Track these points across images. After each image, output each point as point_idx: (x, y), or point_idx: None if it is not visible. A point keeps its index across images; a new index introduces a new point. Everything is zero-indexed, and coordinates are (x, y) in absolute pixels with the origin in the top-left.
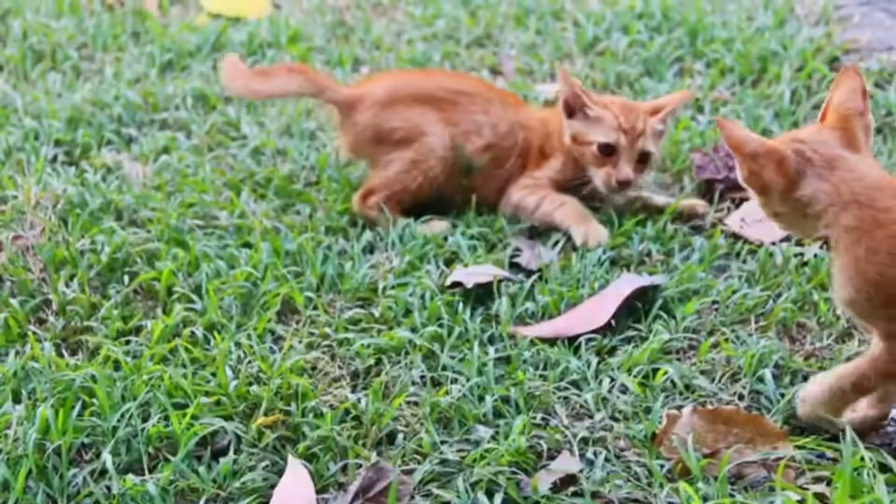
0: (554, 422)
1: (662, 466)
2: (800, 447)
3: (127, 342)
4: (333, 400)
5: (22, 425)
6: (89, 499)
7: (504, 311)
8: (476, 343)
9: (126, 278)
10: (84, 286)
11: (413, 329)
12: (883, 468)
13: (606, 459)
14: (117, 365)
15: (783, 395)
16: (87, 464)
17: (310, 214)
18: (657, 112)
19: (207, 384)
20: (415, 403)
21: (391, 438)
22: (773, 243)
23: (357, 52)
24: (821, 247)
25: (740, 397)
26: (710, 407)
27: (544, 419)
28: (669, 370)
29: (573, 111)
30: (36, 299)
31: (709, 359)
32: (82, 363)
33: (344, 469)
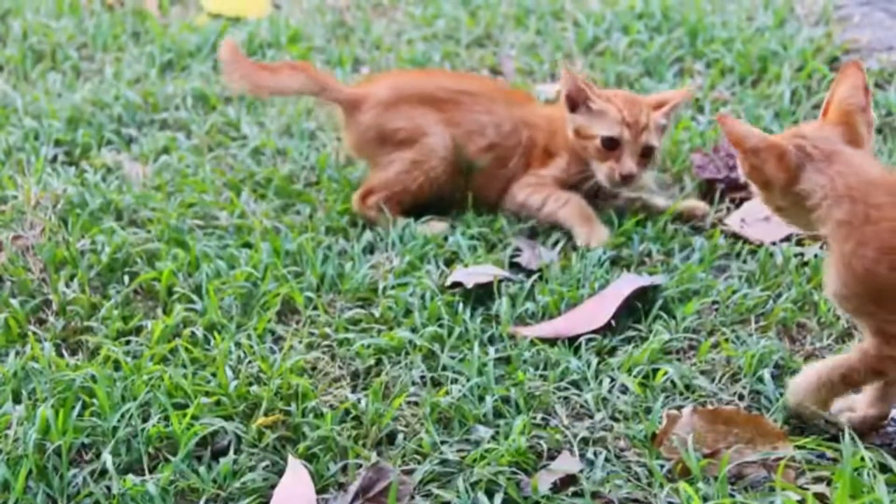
0: (554, 422)
1: (662, 466)
2: (800, 447)
3: (127, 342)
4: (333, 400)
5: (22, 425)
6: (89, 499)
7: (504, 312)
8: (476, 343)
9: (126, 278)
10: (84, 286)
11: (413, 329)
12: (883, 468)
13: (606, 459)
14: (117, 365)
15: (783, 396)
16: (88, 464)
17: (310, 214)
18: (660, 106)
19: (207, 384)
20: (415, 403)
21: (391, 438)
22: (774, 243)
23: (357, 53)
24: (821, 247)
25: (740, 397)
26: (711, 407)
27: (544, 419)
28: (669, 370)
29: (576, 105)
30: (36, 299)
31: (709, 359)
32: (82, 363)
33: (344, 469)
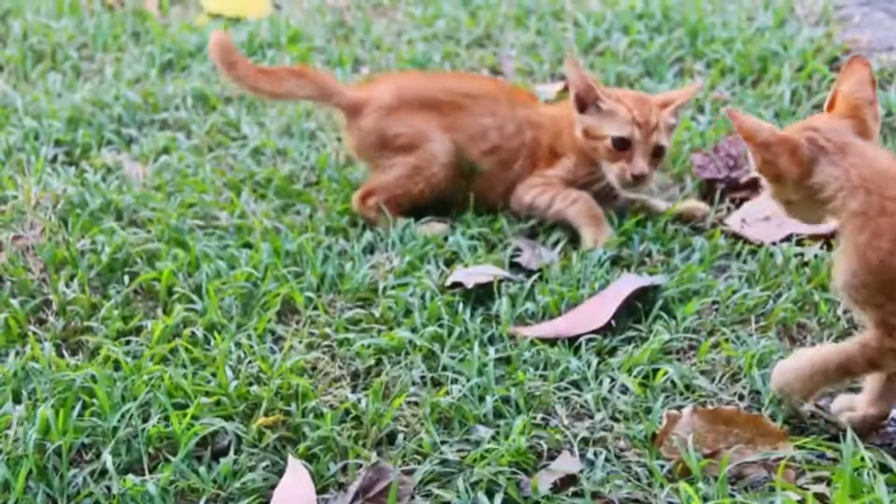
0: (554, 422)
1: (663, 467)
2: (800, 447)
3: (127, 342)
4: (334, 400)
5: (22, 425)
6: (89, 499)
7: (504, 312)
8: (476, 343)
9: (126, 278)
10: (84, 286)
11: (413, 329)
12: (883, 468)
13: (607, 459)
14: (117, 365)
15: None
16: (88, 464)
17: (310, 214)
18: (667, 105)
19: (208, 384)
20: (415, 403)
21: (391, 439)
22: (774, 243)
23: (357, 53)
24: (821, 247)
25: (740, 397)
26: (711, 407)
27: (544, 419)
28: (670, 370)
29: (585, 105)
30: (36, 299)
31: (709, 359)
32: (82, 363)
33: (344, 469)
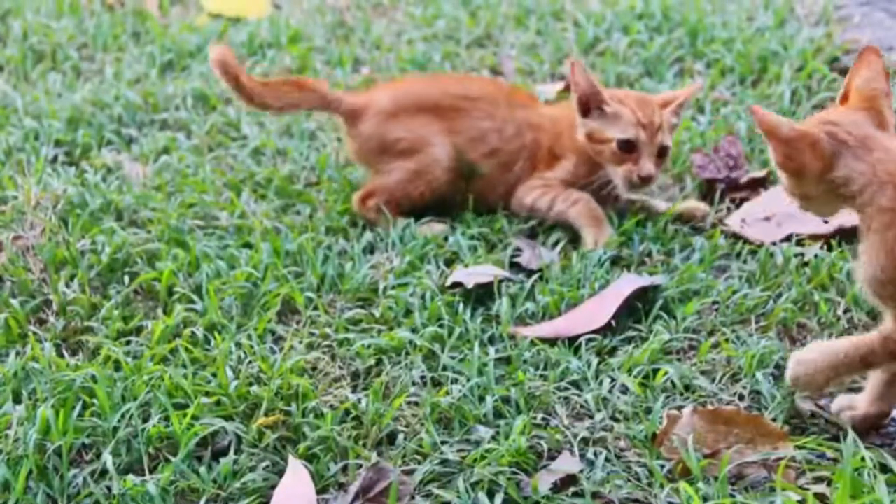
0: (554, 422)
1: (663, 467)
2: (800, 447)
3: (127, 342)
4: (334, 400)
5: (22, 426)
6: (90, 499)
7: (504, 312)
8: (476, 343)
9: (126, 279)
10: (84, 286)
11: (413, 329)
12: (883, 468)
13: (607, 460)
14: (118, 365)
15: (784, 396)
16: (88, 464)
17: (310, 215)
18: (668, 104)
19: (208, 384)
20: (415, 404)
21: (391, 439)
22: (774, 243)
23: (357, 53)
24: (821, 247)
25: (741, 397)
26: (711, 407)
27: (545, 419)
28: (670, 370)
29: (588, 108)
30: (36, 300)
31: (709, 359)
32: (83, 363)
33: (344, 469)
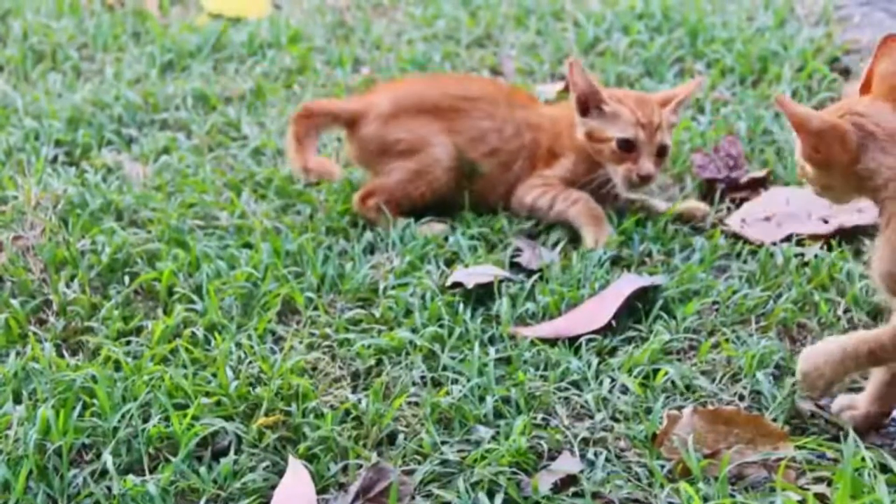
0: (554, 422)
1: (663, 467)
2: (800, 447)
3: (127, 343)
4: (334, 400)
5: (22, 426)
6: (90, 499)
7: (504, 312)
8: (476, 343)
9: (126, 279)
10: (84, 287)
11: (414, 329)
12: (883, 468)
13: (607, 460)
14: (118, 365)
15: (784, 396)
16: (88, 464)
17: (310, 215)
18: (667, 103)
19: (208, 385)
20: (415, 404)
21: (392, 439)
22: (774, 244)
23: (357, 53)
24: (821, 247)
25: (741, 398)
26: (711, 407)
27: (545, 419)
28: (670, 370)
29: (587, 108)
30: (36, 300)
31: (709, 359)
32: (83, 364)
33: (344, 469)
